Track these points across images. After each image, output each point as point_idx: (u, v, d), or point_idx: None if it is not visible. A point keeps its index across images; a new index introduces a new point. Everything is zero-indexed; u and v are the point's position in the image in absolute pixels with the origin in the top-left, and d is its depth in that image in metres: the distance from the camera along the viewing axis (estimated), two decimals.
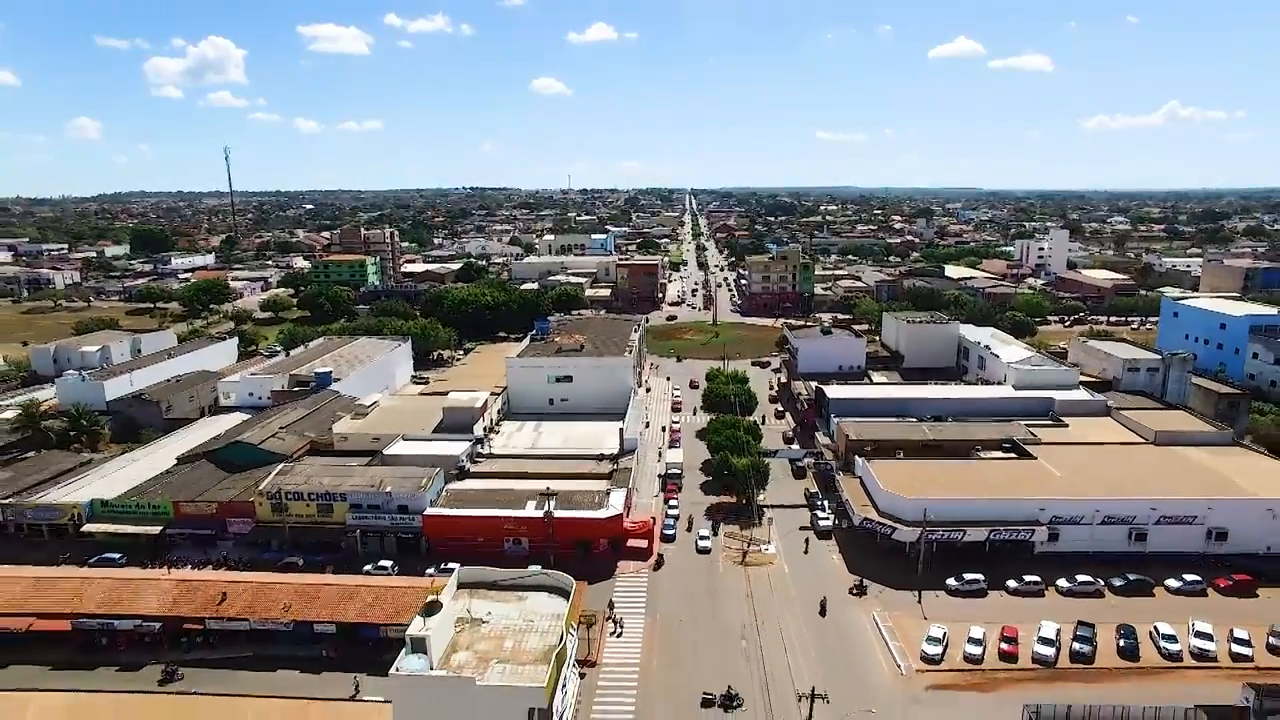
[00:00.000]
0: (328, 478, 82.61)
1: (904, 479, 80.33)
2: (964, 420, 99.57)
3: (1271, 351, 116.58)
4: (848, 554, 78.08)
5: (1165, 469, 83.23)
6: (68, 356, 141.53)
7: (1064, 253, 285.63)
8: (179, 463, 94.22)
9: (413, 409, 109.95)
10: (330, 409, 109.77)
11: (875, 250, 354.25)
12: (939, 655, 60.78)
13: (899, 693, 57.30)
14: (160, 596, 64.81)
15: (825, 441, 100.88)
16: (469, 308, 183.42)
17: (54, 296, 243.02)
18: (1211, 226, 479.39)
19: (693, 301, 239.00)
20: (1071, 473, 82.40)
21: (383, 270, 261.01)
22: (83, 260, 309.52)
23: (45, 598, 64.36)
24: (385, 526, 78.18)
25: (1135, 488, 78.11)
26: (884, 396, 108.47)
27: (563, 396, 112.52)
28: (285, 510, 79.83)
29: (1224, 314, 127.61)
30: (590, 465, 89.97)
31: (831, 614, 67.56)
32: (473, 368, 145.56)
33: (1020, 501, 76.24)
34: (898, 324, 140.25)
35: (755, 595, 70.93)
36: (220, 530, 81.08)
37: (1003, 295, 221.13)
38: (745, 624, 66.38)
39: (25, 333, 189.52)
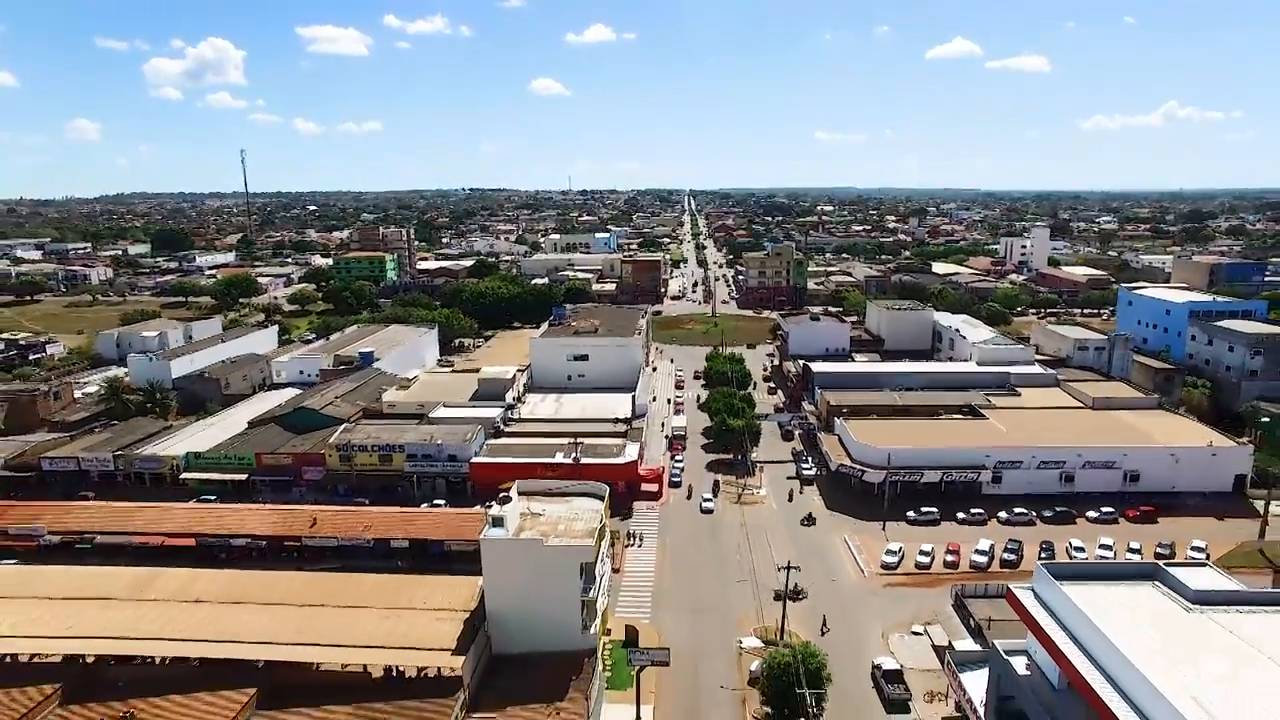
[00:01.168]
0: (386, 434, 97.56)
1: (874, 433, 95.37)
2: (931, 390, 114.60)
3: (1206, 334, 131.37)
4: (826, 494, 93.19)
5: (1095, 426, 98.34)
6: (129, 342, 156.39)
7: (1045, 250, 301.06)
8: (250, 426, 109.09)
9: (448, 382, 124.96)
10: (375, 383, 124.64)
11: (868, 249, 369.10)
12: (895, 563, 75.81)
13: (861, 588, 72.38)
14: (263, 521, 79.74)
15: (810, 409, 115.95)
16: (486, 300, 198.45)
17: (91, 291, 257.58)
18: (1194, 226, 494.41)
19: (693, 296, 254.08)
20: (1016, 429, 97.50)
21: (400, 266, 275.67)
22: (111, 258, 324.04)
23: (173, 522, 79.27)
24: (437, 472, 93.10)
25: (1067, 440, 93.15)
26: (862, 371, 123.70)
27: (580, 373, 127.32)
28: (351, 460, 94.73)
29: (1168, 301, 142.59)
30: (607, 426, 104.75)
31: (810, 537, 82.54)
32: (493, 352, 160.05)
33: (969, 450, 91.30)
34: (879, 311, 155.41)
35: (749, 525, 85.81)
36: (295, 477, 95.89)
37: (984, 289, 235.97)
38: (739, 544, 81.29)
39: (74, 324, 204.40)
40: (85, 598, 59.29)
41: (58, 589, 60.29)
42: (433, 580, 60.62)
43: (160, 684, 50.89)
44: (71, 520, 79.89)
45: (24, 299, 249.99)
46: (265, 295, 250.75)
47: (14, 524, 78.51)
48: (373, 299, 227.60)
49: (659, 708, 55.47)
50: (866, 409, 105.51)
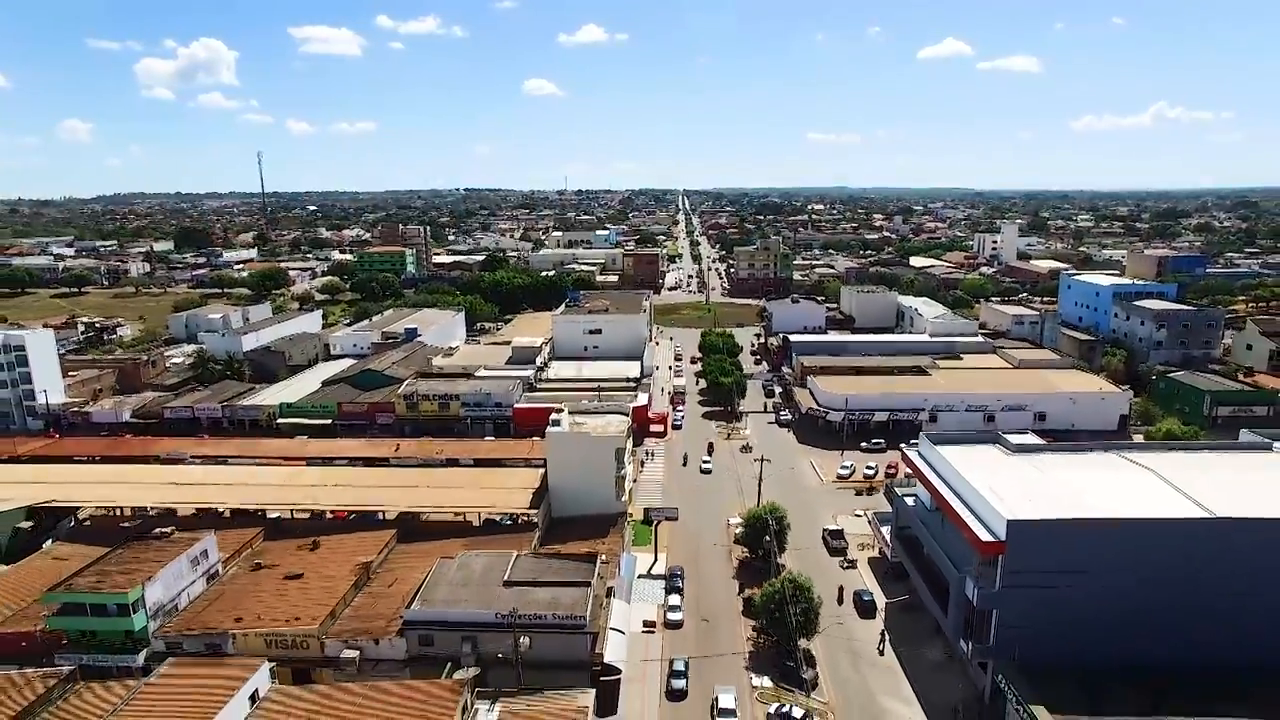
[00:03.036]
0: (443, 387, 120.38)
1: (836, 385, 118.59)
2: (888, 356, 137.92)
3: (1124, 311, 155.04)
4: (797, 433, 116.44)
5: (1016, 380, 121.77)
6: (197, 323, 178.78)
7: (1014, 245, 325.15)
8: (324, 385, 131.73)
9: (484, 351, 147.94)
10: (421, 353, 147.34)
11: (853, 245, 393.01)
12: (847, 475, 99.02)
13: (819, 489, 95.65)
14: (358, 447, 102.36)
15: (787, 371, 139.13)
16: (502, 288, 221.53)
17: (134, 284, 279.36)
18: (1164, 224, 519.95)
19: (688, 287, 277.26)
20: (953, 383, 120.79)
21: (418, 260, 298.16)
22: (142, 254, 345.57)
23: (286, 449, 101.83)
24: (487, 416, 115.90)
25: (991, 389, 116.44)
26: (832, 340, 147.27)
27: (594, 345, 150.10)
28: (416, 408, 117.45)
29: (1097, 285, 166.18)
30: (621, 383, 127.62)
31: (781, 462, 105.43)
32: (514, 330, 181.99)
33: (911, 396, 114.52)
34: (851, 294, 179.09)
35: (735, 454, 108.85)
36: (370, 422, 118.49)
37: (954, 280, 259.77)
38: (727, 465, 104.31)
39: (125, 312, 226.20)
40: (255, 484, 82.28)
41: (234, 478, 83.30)
42: (505, 471, 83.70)
43: (327, 529, 73.84)
44: (208, 448, 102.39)
45: (73, 291, 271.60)
46: (295, 286, 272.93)
47: (164, 451, 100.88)
48: (396, 289, 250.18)
49: (670, 555, 78.28)
50: (832, 369, 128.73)
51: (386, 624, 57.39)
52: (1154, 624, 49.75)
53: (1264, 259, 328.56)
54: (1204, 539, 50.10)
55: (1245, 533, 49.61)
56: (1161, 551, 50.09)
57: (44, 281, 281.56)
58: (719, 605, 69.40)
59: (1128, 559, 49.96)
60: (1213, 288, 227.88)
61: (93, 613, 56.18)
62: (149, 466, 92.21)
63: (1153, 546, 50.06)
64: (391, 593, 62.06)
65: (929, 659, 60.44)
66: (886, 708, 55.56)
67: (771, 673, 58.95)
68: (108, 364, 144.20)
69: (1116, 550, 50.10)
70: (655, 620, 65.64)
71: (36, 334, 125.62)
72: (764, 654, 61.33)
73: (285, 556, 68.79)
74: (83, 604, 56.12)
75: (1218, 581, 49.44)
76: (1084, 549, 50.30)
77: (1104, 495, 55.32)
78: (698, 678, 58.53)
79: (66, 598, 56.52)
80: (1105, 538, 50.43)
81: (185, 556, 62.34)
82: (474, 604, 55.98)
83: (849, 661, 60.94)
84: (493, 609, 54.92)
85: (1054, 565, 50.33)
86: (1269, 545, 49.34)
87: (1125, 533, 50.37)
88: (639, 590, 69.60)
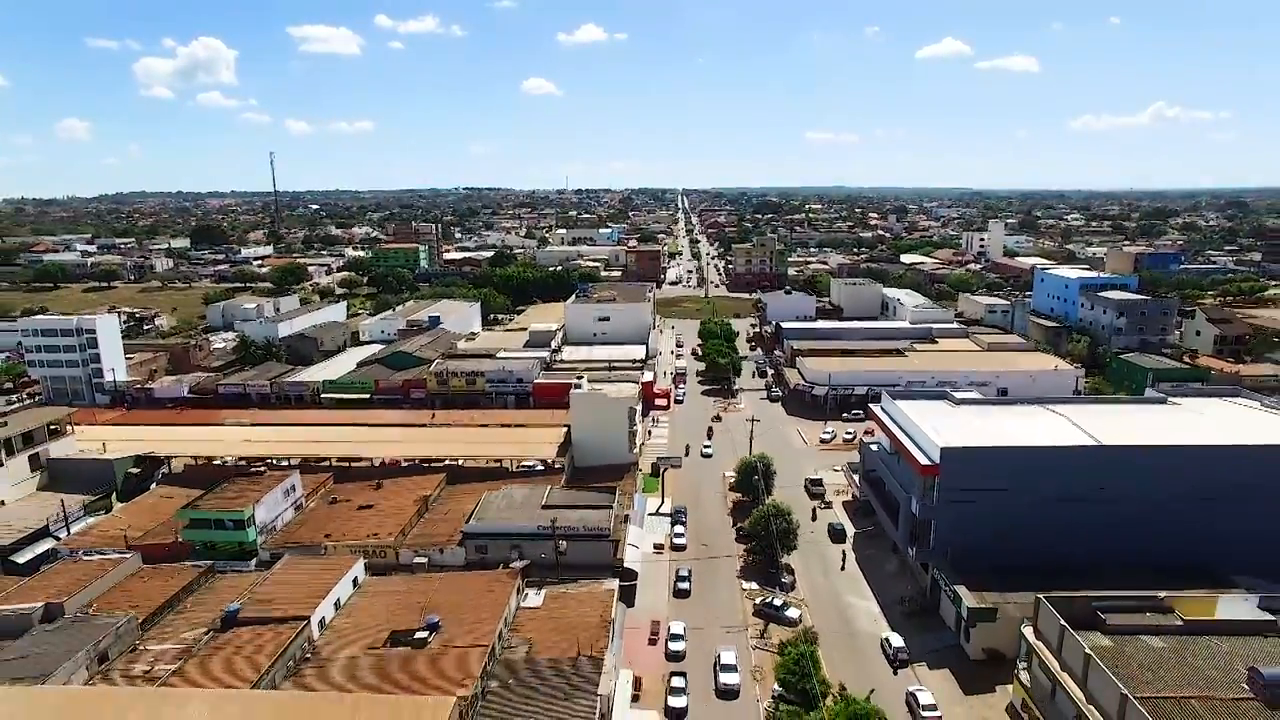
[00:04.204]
0: (469, 365, 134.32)
1: (821, 364, 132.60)
2: (871, 340, 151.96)
3: (1090, 301, 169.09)
4: (786, 405, 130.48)
5: (982, 360, 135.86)
6: (233, 312, 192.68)
7: (1000, 243, 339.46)
8: (359, 366, 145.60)
9: (502, 337, 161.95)
10: (444, 338, 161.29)
11: (848, 243, 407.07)
12: (828, 439, 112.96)
13: (803, 450, 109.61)
14: (398, 416, 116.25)
15: (779, 354, 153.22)
16: (513, 282, 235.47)
17: (159, 279, 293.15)
18: (1151, 223, 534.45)
19: (688, 282, 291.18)
20: (925, 362, 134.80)
21: (431, 256, 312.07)
22: (163, 250, 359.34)
23: (336, 417, 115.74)
24: (509, 391, 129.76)
25: (959, 368, 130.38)
26: (820, 327, 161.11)
27: (603, 331, 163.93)
28: (446, 383, 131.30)
29: (1066, 277, 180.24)
30: (628, 363, 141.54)
31: (771, 430, 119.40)
32: (527, 319, 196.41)
33: (887, 373, 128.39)
34: (840, 286, 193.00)
35: (729, 422, 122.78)
36: (404, 397, 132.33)
37: (941, 275, 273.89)
38: (723, 432, 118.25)
39: (160, 303, 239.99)
40: (318, 440, 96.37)
41: (298, 436, 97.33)
42: (533, 429, 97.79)
43: (386, 473, 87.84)
44: (265, 417, 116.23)
45: (102, 286, 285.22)
46: (313, 281, 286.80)
47: (229, 419, 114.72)
48: (411, 283, 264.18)
49: (675, 498, 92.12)
50: (819, 351, 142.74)
51: (447, 538, 71.37)
52: (1054, 528, 63.55)
53: (1239, 256, 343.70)
54: (1091, 462, 64.13)
55: (1121, 457, 63.64)
56: (1059, 472, 64.07)
57: (74, 276, 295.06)
58: (716, 533, 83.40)
59: (1034, 478, 63.90)
60: (1184, 282, 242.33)
61: (215, 527, 70.17)
62: (221, 428, 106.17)
63: (1052, 468, 64.07)
64: (448, 518, 76.09)
65: (885, 570, 74.47)
66: (849, 602, 69.55)
67: (758, 579, 72.92)
68: (159, 348, 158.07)
69: (1025, 471, 64.07)
70: (664, 544, 79.58)
71: (104, 319, 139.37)
72: (753, 567, 75.30)
73: (355, 494, 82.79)
74: (208, 519, 70.19)
75: (1101, 494, 63.33)
76: (1000, 470, 64.26)
77: (1022, 433, 69.38)
78: (699, 581, 72.53)
79: (196, 515, 70.63)
80: (1016, 461, 64.45)
81: (279, 488, 76.38)
82: (520, 519, 70.00)
83: (820, 571, 74.95)
84: (535, 523, 68.92)
85: (977, 484, 64.25)
86: (1140, 466, 63.25)
87: (1031, 457, 64.42)
88: (649, 524, 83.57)
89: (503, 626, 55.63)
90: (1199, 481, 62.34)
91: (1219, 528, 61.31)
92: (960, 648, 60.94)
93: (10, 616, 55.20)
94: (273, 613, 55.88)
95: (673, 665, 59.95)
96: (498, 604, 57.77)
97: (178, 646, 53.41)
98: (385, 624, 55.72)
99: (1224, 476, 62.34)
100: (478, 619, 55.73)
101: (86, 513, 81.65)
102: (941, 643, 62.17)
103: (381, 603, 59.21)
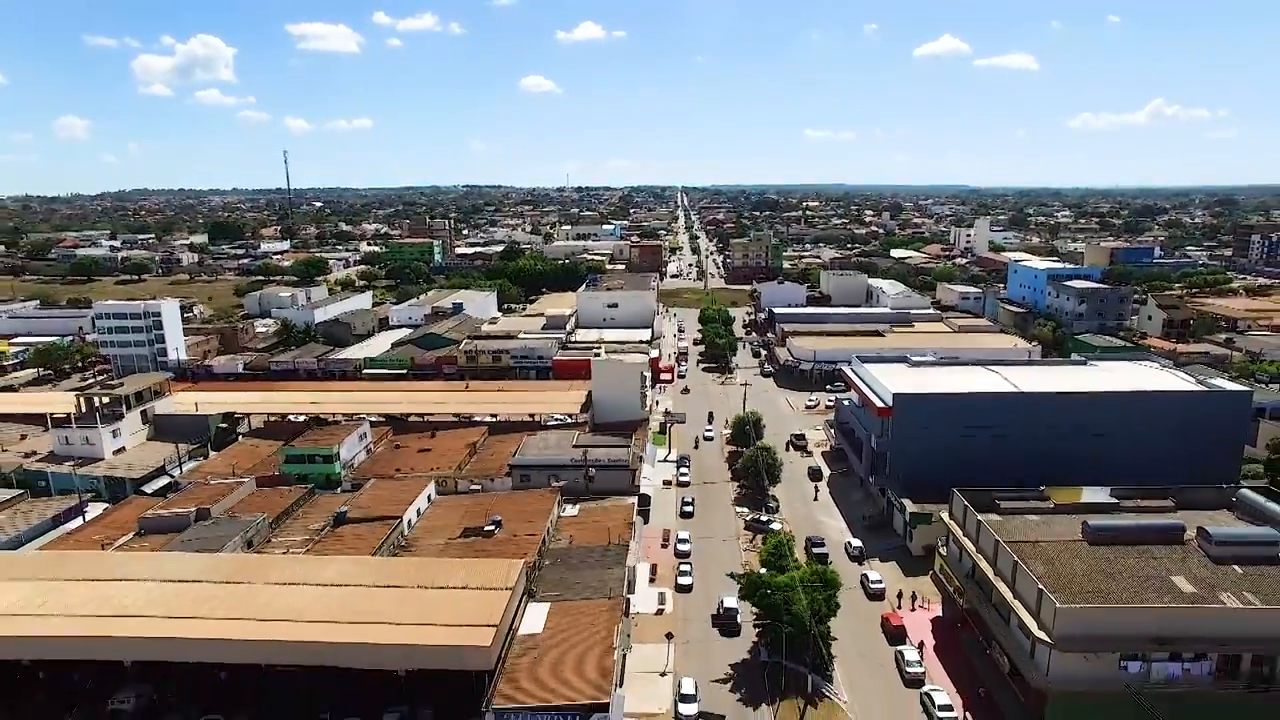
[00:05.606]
0: (494, 344, 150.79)
1: (808, 343, 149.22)
2: (854, 323, 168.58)
3: (1056, 290, 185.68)
4: (777, 379, 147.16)
5: (951, 340, 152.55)
6: (269, 300, 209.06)
7: (985, 238, 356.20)
8: (393, 346, 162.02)
9: (520, 322, 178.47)
10: (468, 323, 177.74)
11: (842, 239, 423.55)
12: (813, 406, 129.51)
13: (791, 414, 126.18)
14: (434, 387, 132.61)
15: (771, 336, 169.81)
16: (525, 274, 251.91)
17: (187, 272, 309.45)
18: (1139, 220, 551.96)
19: (688, 275, 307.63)
20: (900, 341, 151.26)
21: (444, 250, 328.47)
22: (186, 246, 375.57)
23: (377, 387, 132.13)
24: (531, 365, 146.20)
25: (929, 346, 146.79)
26: (809, 312, 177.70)
27: (612, 316, 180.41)
28: (475, 360, 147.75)
29: (1036, 269, 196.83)
30: (635, 343, 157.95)
31: (763, 398, 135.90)
32: (540, 307, 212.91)
33: (866, 350, 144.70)
34: (828, 277, 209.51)
35: (727, 392, 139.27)
36: (437, 372, 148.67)
37: (928, 268, 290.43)
38: (721, 400, 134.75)
39: (191, 294, 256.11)
40: (375, 401, 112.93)
41: (355, 398, 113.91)
42: (558, 392, 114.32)
43: (436, 427, 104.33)
44: (319, 388, 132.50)
45: (133, 279, 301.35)
46: (333, 274, 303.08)
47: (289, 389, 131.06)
48: (427, 275, 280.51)
49: (679, 449, 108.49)
50: (806, 332, 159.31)
51: (497, 471, 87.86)
52: (982, 455, 79.72)
53: (1213, 251, 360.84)
54: (1010, 404, 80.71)
55: (1032, 400, 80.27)
56: (986, 411, 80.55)
57: (105, 270, 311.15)
58: (715, 473, 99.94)
59: (966, 416, 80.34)
60: (1154, 275, 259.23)
61: (308, 461, 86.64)
62: (288, 393, 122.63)
63: (981, 408, 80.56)
64: (494, 457, 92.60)
65: (852, 498, 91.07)
66: (821, 520, 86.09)
67: (749, 505, 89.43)
68: (209, 331, 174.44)
69: (959, 410, 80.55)
70: (671, 480, 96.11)
71: (168, 304, 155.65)
72: (744, 497, 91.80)
73: (413, 442, 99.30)
74: (302, 455, 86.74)
75: (1020, 428, 79.72)
76: (940, 411, 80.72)
77: (961, 384, 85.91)
78: (700, 507, 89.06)
79: (292, 451, 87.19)
80: (953, 404, 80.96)
81: (354, 434, 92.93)
82: (556, 454, 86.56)
83: (800, 500, 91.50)
84: (569, 456, 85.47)
85: (922, 422, 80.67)
86: (1045, 406, 79.84)
87: (965, 400, 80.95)
88: (659, 468, 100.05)
89: (549, 526, 72.17)
90: (1084, 415, 79.02)
91: (1099, 447, 77.71)
92: (905, 547, 77.49)
93: (174, 517, 71.68)
94: (372, 514, 72.46)
95: (680, 562, 76.32)
96: (544, 511, 74.33)
97: (303, 537, 69.97)
98: (459, 524, 72.31)
99: (1099, 412, 79.08)
100: (530, 520, 72.30)
101: (190, 457, 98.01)
102: (892, 545, 78.77)
103: (453, 511, 75.81)
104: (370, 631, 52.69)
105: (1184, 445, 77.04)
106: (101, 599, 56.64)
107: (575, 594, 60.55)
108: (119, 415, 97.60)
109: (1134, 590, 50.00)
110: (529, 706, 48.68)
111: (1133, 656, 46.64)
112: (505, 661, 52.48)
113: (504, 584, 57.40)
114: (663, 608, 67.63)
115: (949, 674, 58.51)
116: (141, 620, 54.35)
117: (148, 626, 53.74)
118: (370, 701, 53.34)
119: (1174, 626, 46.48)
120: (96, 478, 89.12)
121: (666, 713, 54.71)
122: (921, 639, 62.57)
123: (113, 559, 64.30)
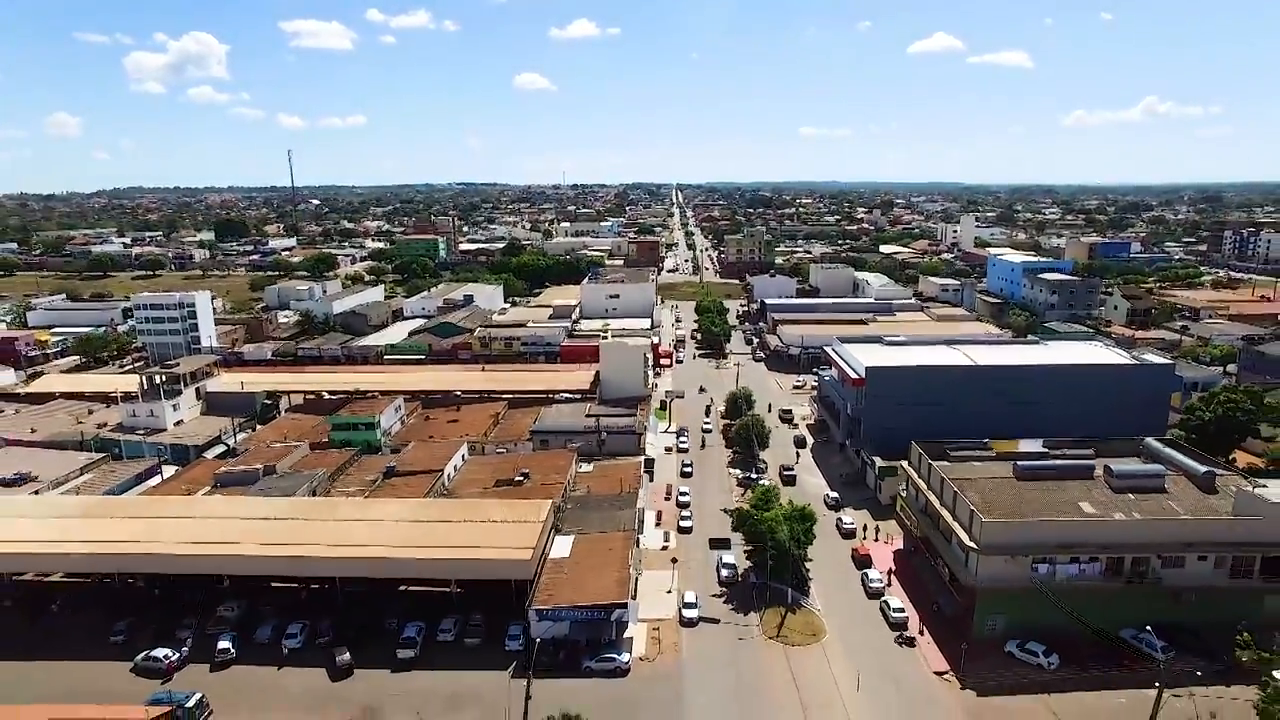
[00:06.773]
0: (506, 332, 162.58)
1: (796, 330, 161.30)
2: (839, 313, 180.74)
3: (1030, 282, 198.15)
4: (767, 363, 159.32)
5: (929, 328, 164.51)
6: (287, 294, 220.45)
7: (971, 234, 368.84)
8: (410, 334, 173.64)
9: (527, 312, 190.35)
10: (478, 313, 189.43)
11: (833, 235, 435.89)
12: (800, 386, 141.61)
13: (779, 392, 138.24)
14: (453, 369, 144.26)
15: (762, 325, 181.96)
16: (529, 269, 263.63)
17: (200, 267, 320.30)
18: (1124, 217, 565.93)
19: (684, 270, 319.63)
20: (883, 329, 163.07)
21: (449, 246, 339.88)
22: (196, 242, 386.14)
23: (401, 371, 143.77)
24: (540, 351, 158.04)
25: (908, 333, 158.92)
26: (797, 303, 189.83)
27: (614, 306, 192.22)
28: (488, 346, 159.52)
29: (1013, 262, 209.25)
30: (637, 331, 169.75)
31: (754, 379, 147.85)
32: (544, 299, 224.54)
33: (849, 336, 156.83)
34: (817, 270, 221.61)
35: (723, 375, 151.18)
36: (453, 357, 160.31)
37: (914, 263, 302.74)
38: (718, 381, 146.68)
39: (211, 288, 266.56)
40: (403, 380, 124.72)
41: (385, 378, 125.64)
42: (570, 372, 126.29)
43: (461, 402, 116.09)
44: (347, 371, 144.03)
45: (148, 274, 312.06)
46: (343, 269, 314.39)
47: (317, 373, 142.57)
48: (434, 270, 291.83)
49: (678, 422, 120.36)
50: (795, 320, 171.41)
51: (519, 436, 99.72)
52: (942, 418, 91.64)
53: (1190, 247, 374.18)
54: (967, 376, 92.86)
55: (986, 372, 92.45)
56: (946, 381, 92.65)
57: (121, 265, 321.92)
58: (711, 441, 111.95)
59: (929, 385, 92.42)
60: (1130, 268, 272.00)
61: (352, 429, 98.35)
62: (320, 374, 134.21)
63: (941, 379, 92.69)
64: (515, 427, 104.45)
65: (831, 461, 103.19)
66: (804, 479, 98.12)
67: (741, 468, 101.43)
68: (235, 321, 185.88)
69: (923, 380, 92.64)
70: (672, 447, 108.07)
71: (201, 295, 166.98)
72: (737, 461, 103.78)
73: (441, 414, 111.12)
74: (347, 423, 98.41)
75: (976, 396, 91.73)
76: (906, 381, 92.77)
77: (927, 359, 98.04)
78: (698, 469, 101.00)
79: (338, 420, 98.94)
80: (918, 375, 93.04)
81: (391, 406, 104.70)
82: (572, 421, 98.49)
83: (786, 462, 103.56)
84: (583, 423, 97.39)
85: (892, 391, 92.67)
86: (1001, 377, 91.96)
87: (928, 372, 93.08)
88: (661, 439, 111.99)
89: (569, 479, 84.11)
90: (1030, 384, 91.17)
91: (1043, 411, 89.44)
92: (875, 498, 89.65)
93: (244, 473, 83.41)
94: (416, 469, 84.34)
95: (681, 510, 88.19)
96: (564, 467, 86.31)
97: (358, 487, 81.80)
98: (491, 477, 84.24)
99: (1043, 381, 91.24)
100: (552, 474, 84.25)
101: (240, 430, 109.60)
102: (864, 496, 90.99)
103: (485, 468, 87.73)
104: (427, 552, 64.60)
105: (1117, 409, 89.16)
106: (201, 531, 68.44)
107: (595, 528, 72.50)
108: (178, 392, 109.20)
109: (1047, 512, 62.13)
110: (563, 606, 60.63)
111: (1042, 560, 58.80)
112: (540, 577, 64.44)
113: (537, 518, 69.34)
114: (667, 545, 79.55)
115: (905, 590, 70.60)
116: (236, 545, 66.20)
117: (242, 550, 65.59)
118: (428, 613, 65.21)
119: (1074, 536, 58.67)
120: (164, 445, 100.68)
121: (673, 618, 66.62)
122: (887, 567, 74.69)
123: (202, 502, 76.13)
